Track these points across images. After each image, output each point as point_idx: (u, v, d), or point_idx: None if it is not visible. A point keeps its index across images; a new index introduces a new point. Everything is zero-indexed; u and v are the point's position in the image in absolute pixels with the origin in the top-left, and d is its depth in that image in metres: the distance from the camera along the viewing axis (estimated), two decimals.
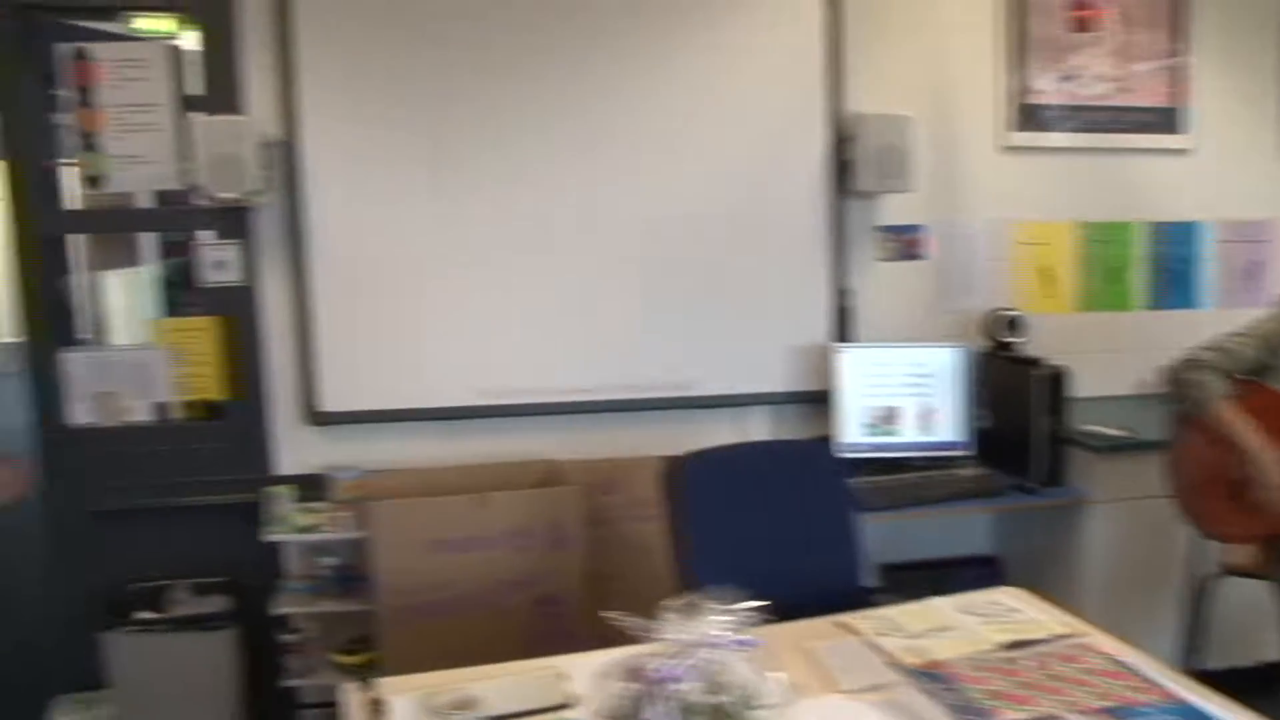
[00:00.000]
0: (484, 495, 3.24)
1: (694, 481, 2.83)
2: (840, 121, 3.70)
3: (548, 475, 3.46)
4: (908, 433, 3.70)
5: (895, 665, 2.10)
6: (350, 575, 3.46)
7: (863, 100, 3.72)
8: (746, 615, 1.75)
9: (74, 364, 3.48)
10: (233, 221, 3.41)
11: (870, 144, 3.60)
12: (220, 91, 3.37)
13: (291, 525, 3.36)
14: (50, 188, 3.44)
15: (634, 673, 1.74)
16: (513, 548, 3.27)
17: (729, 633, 1.73)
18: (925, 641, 2.21)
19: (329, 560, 3.42)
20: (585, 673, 1.90)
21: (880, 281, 3.85)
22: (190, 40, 3.53)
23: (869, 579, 2.89)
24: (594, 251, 3.58)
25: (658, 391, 3.67)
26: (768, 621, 1.73)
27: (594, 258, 3.58)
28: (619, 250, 3.59)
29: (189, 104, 3.43)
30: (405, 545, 3.19)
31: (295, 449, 3.56)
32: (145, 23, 4.65)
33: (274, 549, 3.49)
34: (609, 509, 3.52)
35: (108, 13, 3.77)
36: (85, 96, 3.38)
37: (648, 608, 3.48)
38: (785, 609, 1.96)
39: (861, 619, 2.36)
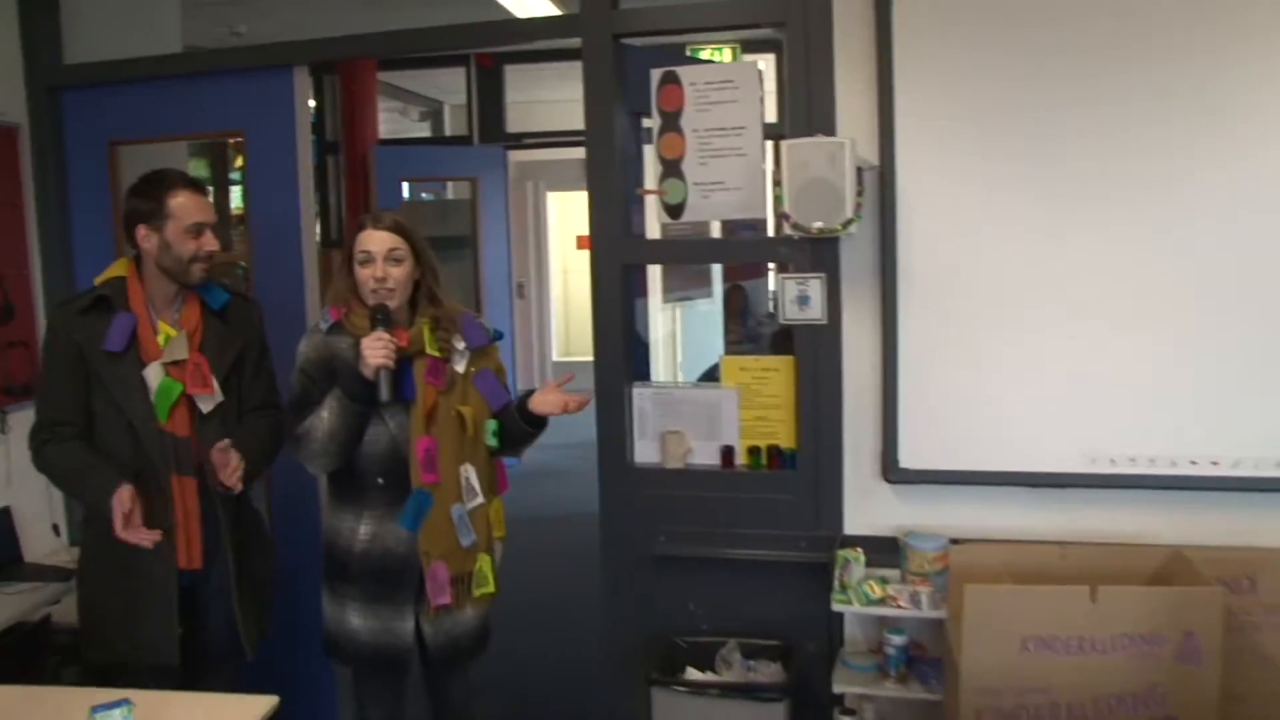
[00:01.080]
0: (1097, 588, 2.69)
1: None
2: None
3: (1171, 566, 2.85)
4: None
5: None
6: (921, 658, 3.05)
7: None
8: None
9: (642, 399, 3.33)
10: (816, 253, 3.11)
11: None
12: (808, 113, 3.09)
13: (860, 596, 2.99)
14: (630, 216, 3.32)
15: None
16: (1129, 655, 2.69)
17: None
18: None
19: (898, 638, 3.01)
20: None
21: None
22: (765, 63, 3.29)
23: None
24: (1237, 295, 2.90)
25: None
26: None
27: (1236, 303, 2.91)
28: (1268, 294, 2.90)
29: (769, 128, 3.20)
30: (997, 637, 2.70)
31: (866, 508, 3.20)
32: (709, 52, 4.55)
33: (835, 617, 3.15)
34: (1242, 612, 2.85)
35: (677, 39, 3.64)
36: (669, 122, 3.22)
37: None
38: None
39: None
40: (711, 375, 4.75)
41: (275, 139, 3.59)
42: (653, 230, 3.58)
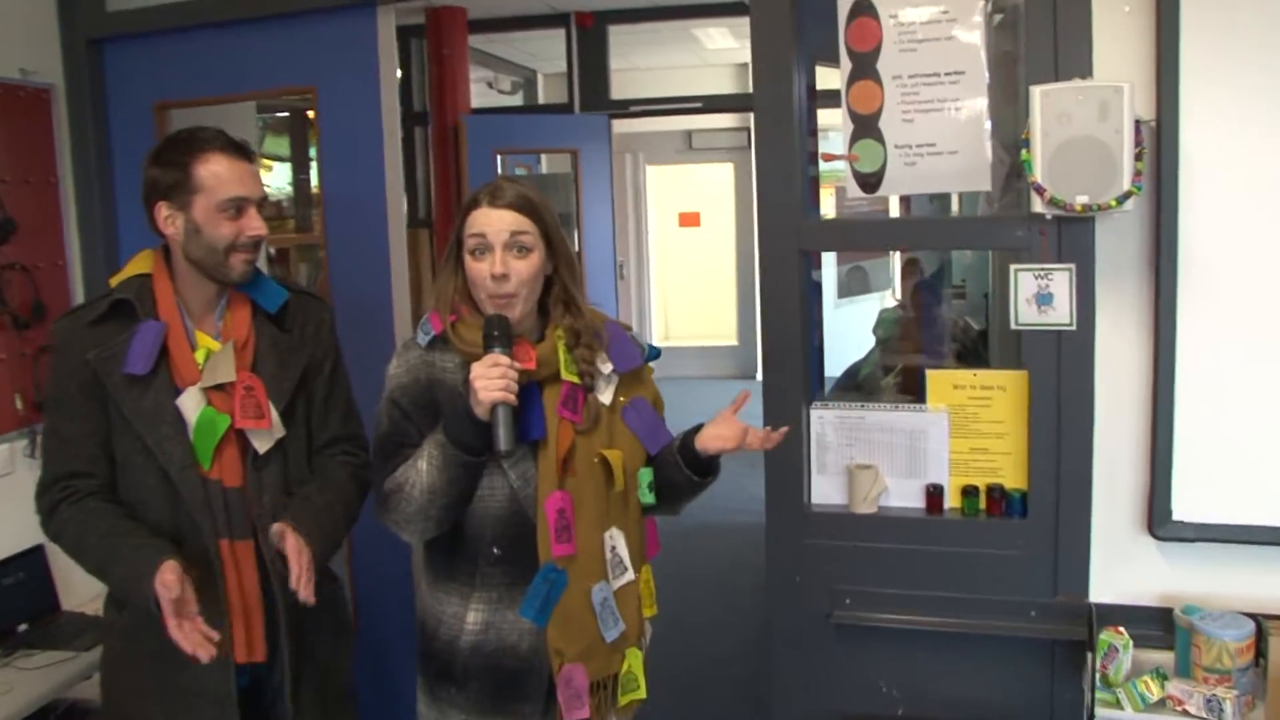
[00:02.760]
0: None
1: None
2: None
3: None
4: None
5: None
6: None
7: None
8: None
9: (823, 423, 2.60)
10: (1064, 237, 2.35)
11: None
12: (1053, 50, 2.32)
13: (1135, 698, 2.23)
14: (807, 191, 2.59)
15: None
16: None
17: None
18: None
19: None
20: None
21: None
22: None
23: None
24: None
25: None
26: None
27: None
28: None
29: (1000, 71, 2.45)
30: None
31: (1121, 569, 2.45)
32: None
33: (1077, 706, 2.39)
34: None
35: None
36: (862, 67, 2.47)
37: None
38: None
39: None
40: (852, 376, 3.98)
41: (354, 95, 2.92)
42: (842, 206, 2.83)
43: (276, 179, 6.31)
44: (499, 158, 6.83)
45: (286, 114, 5.86)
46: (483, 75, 8.62)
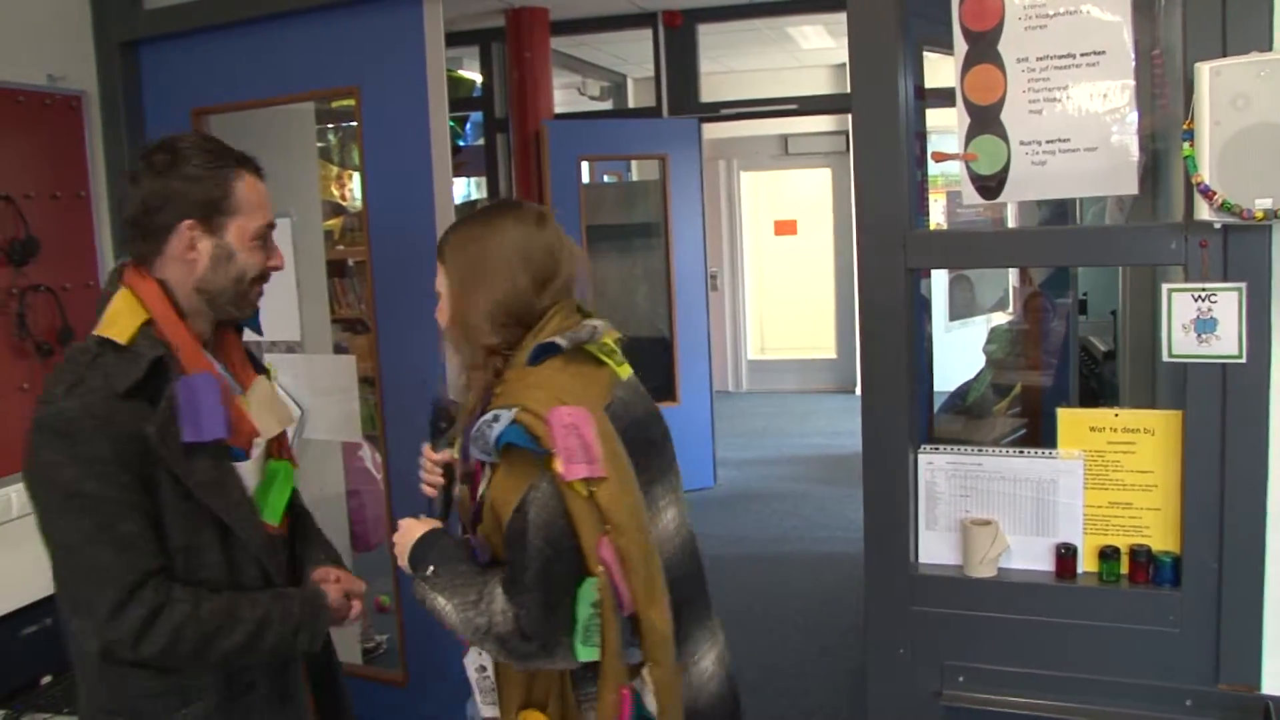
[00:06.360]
0: None
1: None
2: None
3: None
4: None
5: None
6: None
7: None
8: None
9: (933, 471, 2.21)
10: (1232, 251, 1.92)
11: None
12: (1220, 17, 1.90)
13: None
14: (915, 199, 2.21)
15: None
16: None
17: None
18: None
19: None
20: None
21: None
22: None
23: None
24: None
25: None
26: None
27: None
28: None
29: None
30: None
31: None
32: None
33: None
34: None
35: None
36: (980, 49, 2.08)
37: None
38: None
39: None
40: (960, 399, 3.58)
41: (399, 97, 2.62)
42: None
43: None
44: (584, 164, 6.53)
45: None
46: (570, 81, 8.35)
